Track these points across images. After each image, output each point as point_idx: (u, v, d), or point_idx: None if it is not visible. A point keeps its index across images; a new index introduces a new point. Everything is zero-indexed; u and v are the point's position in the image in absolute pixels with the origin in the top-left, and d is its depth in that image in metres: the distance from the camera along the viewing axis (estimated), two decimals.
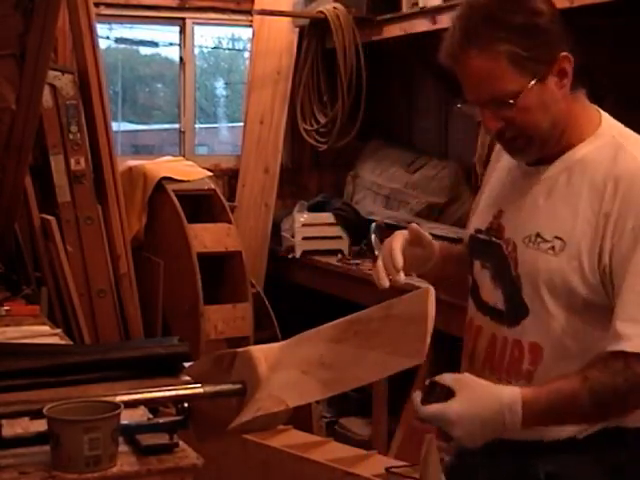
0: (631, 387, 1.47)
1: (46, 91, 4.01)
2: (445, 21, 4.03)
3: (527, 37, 1.50)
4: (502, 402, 1.46)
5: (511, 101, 1.52)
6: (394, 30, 4.50)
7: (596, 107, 1.68)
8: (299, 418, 3.55)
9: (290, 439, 3.34)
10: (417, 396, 1.52)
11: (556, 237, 1.56)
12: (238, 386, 1.74)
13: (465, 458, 1.75)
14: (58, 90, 4.26)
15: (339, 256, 4.64)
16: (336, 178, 5.57)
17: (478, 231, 1.74)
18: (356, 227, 4.76)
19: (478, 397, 1.47)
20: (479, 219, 1.75)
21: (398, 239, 1.72)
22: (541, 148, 1.60)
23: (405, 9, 4.40)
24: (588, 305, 1.55)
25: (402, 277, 1.67)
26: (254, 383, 1.73)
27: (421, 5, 4.23)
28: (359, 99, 4.75)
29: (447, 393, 1.50)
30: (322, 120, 5.01)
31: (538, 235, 1.58)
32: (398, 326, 1.64)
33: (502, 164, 1.77)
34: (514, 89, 1.52)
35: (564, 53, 1.54)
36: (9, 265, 3.80)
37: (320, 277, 4.70)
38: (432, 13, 4.11)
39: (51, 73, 4.01)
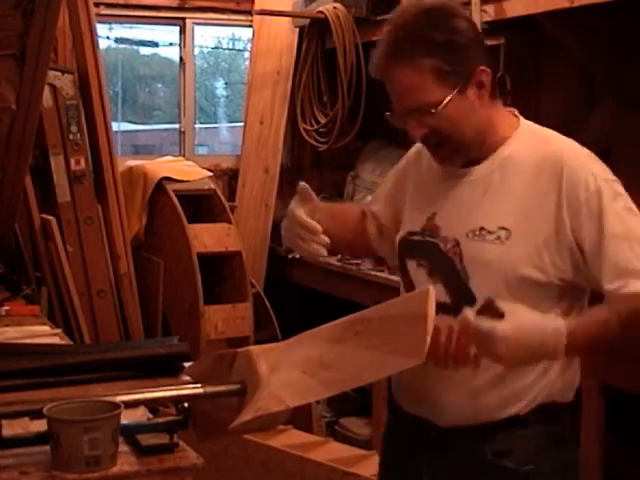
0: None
1: (46, 91, 4.01)
2: None
3: (448, 52, 1.63)
4: (547, 329, 1.55)
5: (433, 110, 1.65)
6: None
7: (512, 110, 1.80)
8: (299, 418, 3.55)
9: (290, 439, 3.34)
10: (469, 311, 1.58)
11: (500, 227, 1.67)
12: (238, 386, 1.74)
13: (404, 450, 1.83)
14: (58, 90, 4.26)
15: (339, 256, 4.63)
16: (336, 178, 5.56)
17: (411, 233, 1.82)
18: None
19: (526, 322, 1.55)
20: (411, 222, 1.83)
21: (299, 209, 1.80)
22: (466, 154, 1.72)
23: None
24: (536, 286, 1.67)
25: (326, 239, 1.77)
26: (254, 383, 1.73)
27: None
28: (359, 99, 4.74)
29: (499, 317, 1.56)
30: (322, 120, 5.01)
31: (482, 228, 1.69)
32: (398, 326, 1.64)
33: (424, 166, 1.86)
34: (436, 99, 1.64)
35: (482, 67, 1.67)
36: (9, 265, 3.80)
37: (320, 277, 4.70)
38: None
39: (51, 73, 4.01)
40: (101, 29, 5.05)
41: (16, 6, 3.05)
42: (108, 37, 5.63)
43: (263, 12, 5.12)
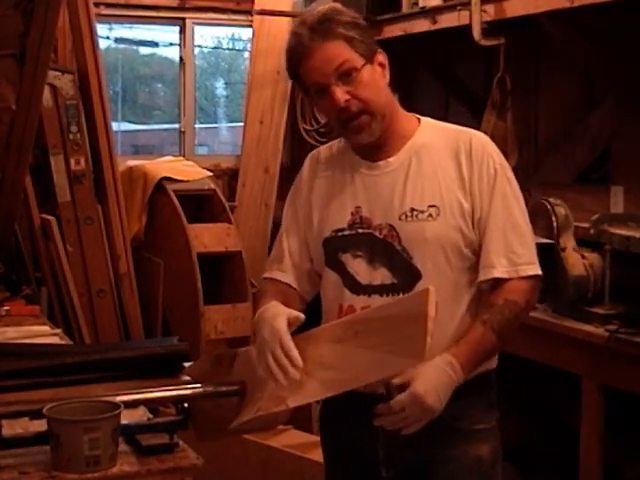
0: (515, 313, 1.80)
1: (46, 91, 4.01)
2: (445, 21, 4.03)
3: (355, 27, 1.85)
4: (443, 366, 1.70)
5: (355, 74, 1.82)
6: (394, 30, 4.49)
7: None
8: (299, 418, 3.55)
9: (290, 439, 3.34)
10: (381, 408, 1.69)
11: (430, 206, 1.83)
12: (238, 386, 1.74)
13: (351, 429, 1.89)
14: (58, 90, 4.26)
15: None
16: None
17: (338, 230, 1.90)
18: None
19: (426, 372, 1.69)
20: (332, 222, 1.92)
21: (284, 331, 1.75)
22: (381, 124, 1.86)
23: (405, 9, 4.39)
24: (470, 258, 1.85)
25: (297, 374, 1.72)
26: (254, 383, 1.74)
27: (421, 5, 4.22)
28: None
29: (400, 388, 1.65)
30: (322, 120, 5.01)
31: (413, 209, 1.84)
32: (398, 326, 1.65)
33: (322, 177, 1.97)
34: (353, 64, 1.82)
35: (380, 50, 1.89)
36: (9, 265, 3.81)
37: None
38: (432, 13, 4.11)
39: (51, 73, 4.01)
40: (101, 29, 5.05)
41: (16, 6, 3.06)
42: (108, 37, 5.63)
43: (263, 12, 5.13)
